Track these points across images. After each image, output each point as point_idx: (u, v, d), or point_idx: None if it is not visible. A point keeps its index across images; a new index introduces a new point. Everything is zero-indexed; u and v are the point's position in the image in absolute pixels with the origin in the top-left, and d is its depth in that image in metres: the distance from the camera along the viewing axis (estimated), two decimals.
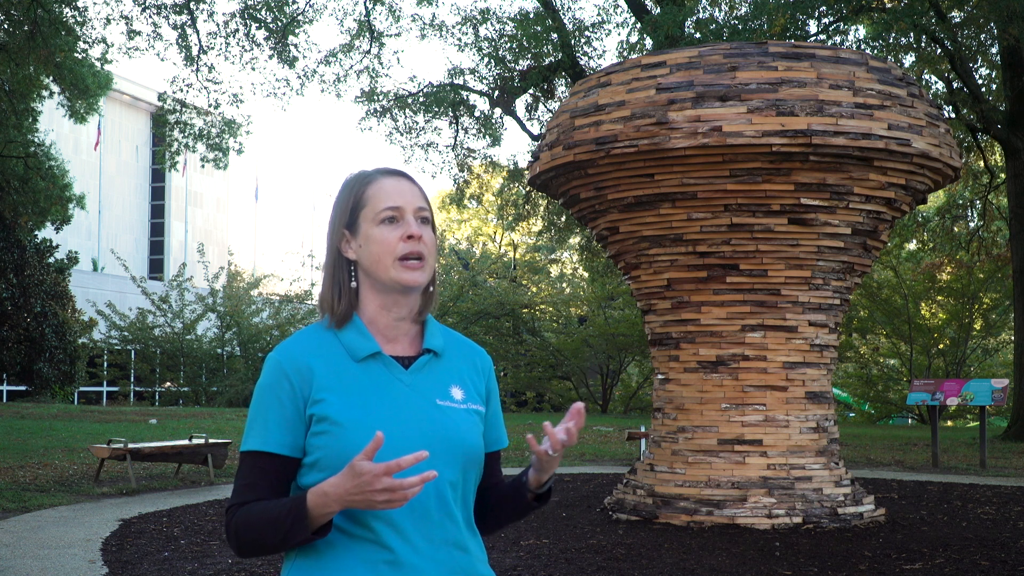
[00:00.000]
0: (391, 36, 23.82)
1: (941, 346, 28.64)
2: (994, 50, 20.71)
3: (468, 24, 22.68)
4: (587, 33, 22.31)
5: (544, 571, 6.61)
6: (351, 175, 2.05)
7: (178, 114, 22.16)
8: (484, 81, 23.05)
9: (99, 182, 53.57)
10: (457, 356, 2.05)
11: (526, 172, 11.99)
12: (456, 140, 23.99)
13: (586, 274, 34.91)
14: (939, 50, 18.89)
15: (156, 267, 57.03)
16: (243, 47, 21.56)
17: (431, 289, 2.03)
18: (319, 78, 23.71)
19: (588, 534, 8.02)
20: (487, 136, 23.92)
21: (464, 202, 26.72)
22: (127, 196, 56.73)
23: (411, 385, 1.95)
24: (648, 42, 19.18)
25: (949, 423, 30.59)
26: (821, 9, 17.00)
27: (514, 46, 22.10)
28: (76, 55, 21.48)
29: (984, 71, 22.21)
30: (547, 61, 21.89)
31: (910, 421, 32.65)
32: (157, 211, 58.41)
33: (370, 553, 1.86)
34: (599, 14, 25.20)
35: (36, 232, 28.36)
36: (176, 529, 8.21)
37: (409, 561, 1.86)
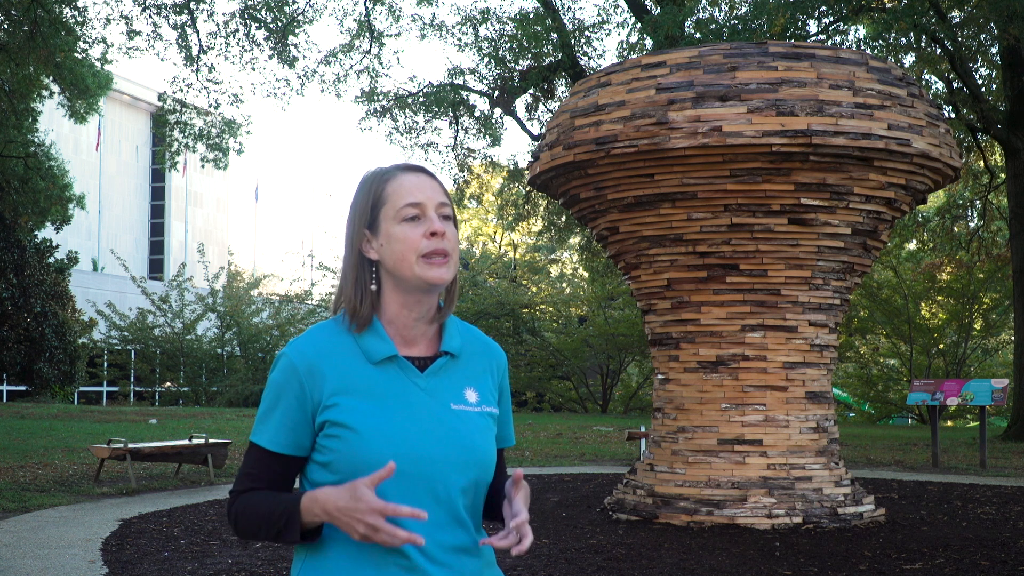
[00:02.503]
0: (391, 36, 23.85)
1: (941, 346, 28.64)
2: (994, 50, 20.70)
3: (468, 24, 22.69)
4: (587, 33, 22.33)
5: (544, 571, 6.61)
6: (368, 172, 2.00)
7: (178, 114, 22.18)
8: (484, 81, 23.06)
9: (99, 182, 53.58)
10: (474, 356, 2.03)
11: (526, 172, 11.99)
12: (456, 140, 24.00)
13: (586, 274, 34.91)
14: (939, 50, 18.89)
15: (156, 267, 57.05)
16: (243, 47, 21.58)
17: (452, 287, 2.00)
18: (319, 78, 23.74)
19: (588, 534, 8.02)
20: (487, 136, 23.93)
21: (464, 202, 26.73)
22: (127, 196, 56.75)
23: (426, 389, 1.92)
24: (648, 42, 19.18)
25: (949, 423, 30.59)
26: (821, 9, 17.00)
27: (514, 46, 22.11)
28: (76, 55, 21.49)
29: (984, 71, 22.22)
30: (547, 61, 21.90)
31: (910, 421, 32.65)
32: (157, 211, 58.44)
33: (382, 557, 1.85)
34: (599, 14, 25.26)
35: (36, 232, 28.37)
36: (176, 529, 8.20)
37: (422, 566, 1.85)
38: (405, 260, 1.90)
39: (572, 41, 21.54)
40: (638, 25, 20.44)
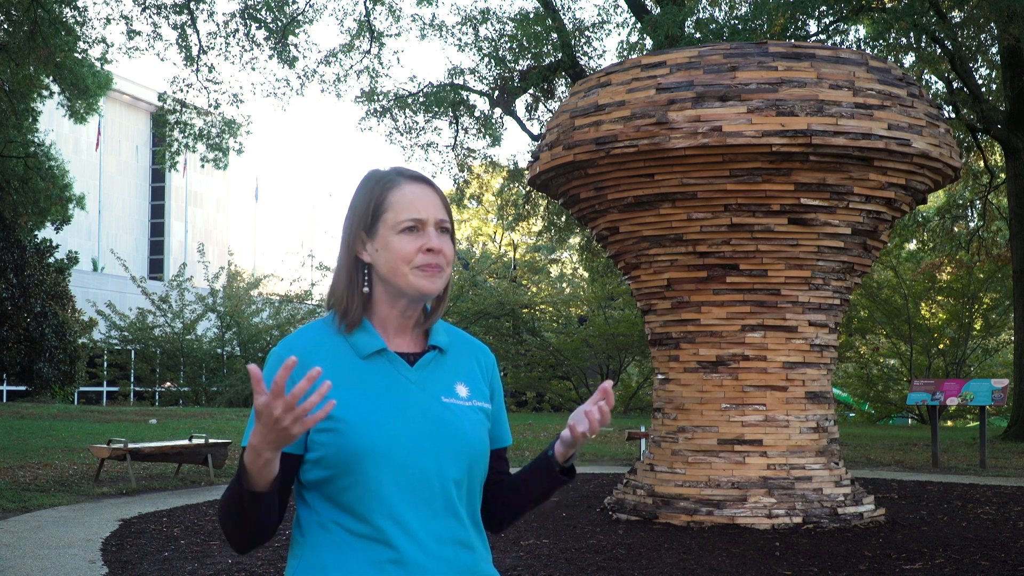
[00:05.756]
0: (391, 36, 23.84)
1: (941, 346, 28.64)
2: (994, 50, 20.71)
3: (468, 24, 22.68)
4: (587, 33, 22.31)
5: (544, 571, 6.61)
6: (371, 174, 2.01)
7: (178, 114, 22.16)
8: (484, 81, 23.05)
9: (99, 182, 53.58)
10: (462, 353, 2.04)
11: (526, 172, 11.99)
12: (456, 140, 23.99)
13: (586, 274, 34.90)
14: (939, 50, 18.89)
15: (156, 267, 57.05)
16: (243, 47, 21.57)
17: (442, 294, 2.01)
18: (319, 78, 23.73)
19: (588, 534, 8.02)
20: (487, 136, 23.92)
21: (464, 202, 26.72)
22: (127, 196, 56.74)
23: (416, 382, 1.93)
24: (648, 42, 19.18)
25: (949, 423, 30.59)
26: (821, 9, 16.99)
27: (514, 46, 22.10)
28: (76, 55, 21.49)
29: (984, 71, 22.22)
30: (547, 61, 21.89)
31: (910, 421, 32.65)
32: (157, 211, 58.44)
33: (376, 552, 1.84)
34: (599, 14, 25.25)
35: (36, 232, 28.37)
36: (176, 529, 8.20)
37: (415, 560, 1.85)
38: (398, 270, 1.92)
39: (572, 41, 21.53)
40: (638, 25, 20.43)
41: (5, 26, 20.55)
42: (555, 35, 21.27)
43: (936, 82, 21.79)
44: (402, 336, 1.99)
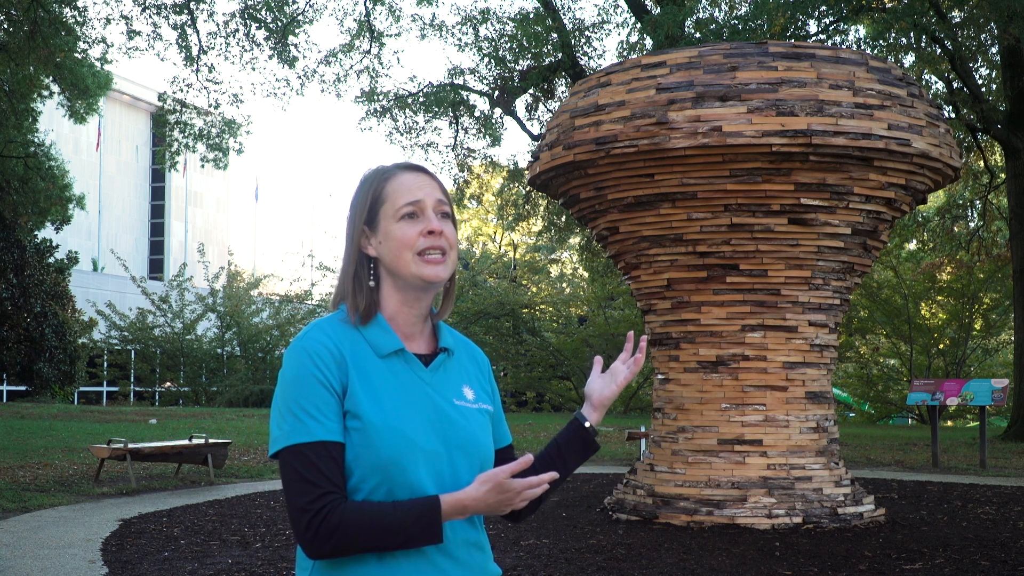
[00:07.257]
0: (391, 36, 23.83)
1: (941, 346, 28.64)
2: (994, 50, 20.71)
3: (468, 24, 22.67)
4: (587, 33, 22.32)
5: (544, 571, 6.61)
6: (369, 170, 2.03)
7: (178, 114, 22.16)
8: (484, 81, 23.04)
9: (99, 182, 53.58)
10: (463, 355, 2.06)
11: (526, 172, 11.98)
12: (456, 140, 23.99)
13: (586, 274, 34.90)
14: (939, 50, 18.89)
15: (156, 267, 57.06)
16: (243, 47, 21.57)
17: (450, 287, 2.02)
18: (319, 78, 23.72)
19: (588, 534, 8.02)
20: (487, 136, 23.92)
21: (464, 202, 26.72)
22: (127, 196, 56.74)
23: (431, 384, 1.94)
24: (648, 42, 19.19)
25: (949, 423, 30.59)
26: (821, 9, 16.99)
27: (514, 46, 22.09)
28: (76, 55, 21.50)
29: (984, 71, 22.22)
30: (547, 61, 21.88)
31: (910, 421, 32.65)
32: (157, 211, 58.44)
33: (406, 559, 1.85)
34: (599, 14, 25.21)
35: (36, 232, 28.37)
36: (176, 529, 8.21)
37: (439, 564, 1.87)
38: (402, 258, 1.93)
39: (572, 41, 21.52)
40: (638, 25, 20.43)
41: (5, 26, 20.55)
42: (555, 35, 21.26)
43: (936, 82, 21.79)
44: (412, 335, 1.99)
